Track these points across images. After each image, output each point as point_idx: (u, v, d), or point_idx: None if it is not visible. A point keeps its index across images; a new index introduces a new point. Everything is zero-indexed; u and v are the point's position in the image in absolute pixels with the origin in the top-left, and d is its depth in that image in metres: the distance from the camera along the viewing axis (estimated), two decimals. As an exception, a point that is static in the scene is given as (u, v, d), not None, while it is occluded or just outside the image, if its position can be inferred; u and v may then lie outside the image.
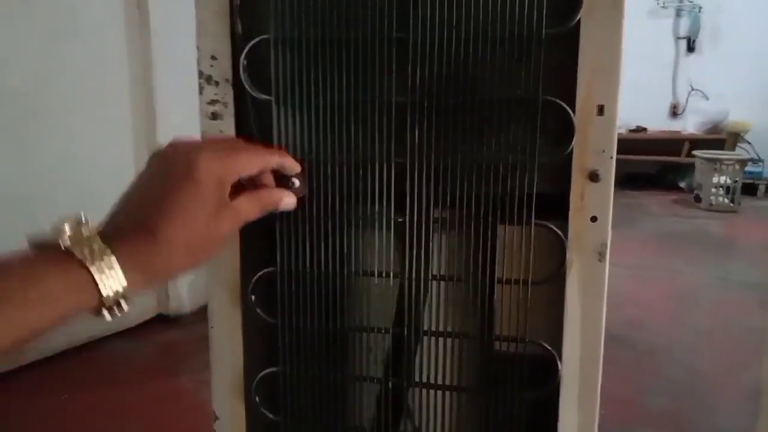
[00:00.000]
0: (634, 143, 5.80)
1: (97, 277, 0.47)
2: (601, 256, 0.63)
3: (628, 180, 5.95)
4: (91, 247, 0.48)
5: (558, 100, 0.61)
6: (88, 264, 0.47)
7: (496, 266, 0.67)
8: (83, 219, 0.50)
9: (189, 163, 0.53)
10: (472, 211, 0.65)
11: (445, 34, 0.62)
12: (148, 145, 2.38)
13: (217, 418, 0.78)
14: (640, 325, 2.60)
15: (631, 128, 6.02)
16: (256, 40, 0.64)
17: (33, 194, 2.04)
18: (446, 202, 0.66)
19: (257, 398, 0.74)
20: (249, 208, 0.58)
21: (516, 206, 0.64)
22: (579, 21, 0.60)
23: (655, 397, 1.99)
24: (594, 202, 0.62)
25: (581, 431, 0.68)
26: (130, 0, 2.30)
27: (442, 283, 0.70)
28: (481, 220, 0.65)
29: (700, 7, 5.93)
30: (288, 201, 0.63)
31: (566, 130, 0.62)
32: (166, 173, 0.54)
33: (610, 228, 0.63)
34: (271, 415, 0.74)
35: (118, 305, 0.49)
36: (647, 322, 2.64)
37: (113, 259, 0.48)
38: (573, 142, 0.62)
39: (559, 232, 0.64)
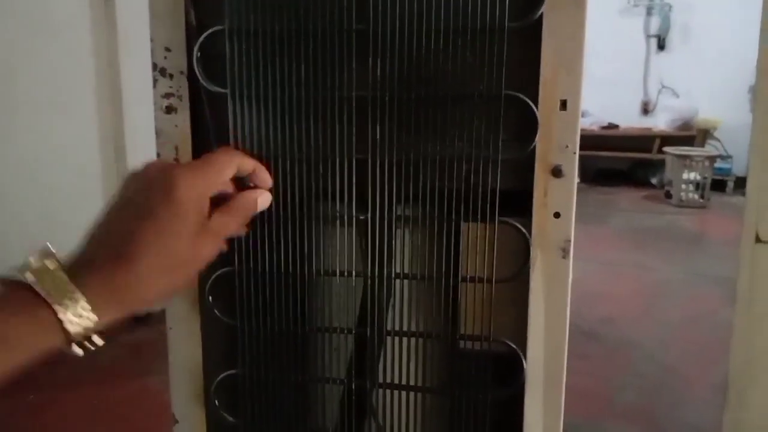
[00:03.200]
0: (605, 140, 5.85)
1: (62, 315, 0.44)
2: (565, 252, 0.63)
3: (600, 176, 6.01)
4: (55, 283, 0.44)
5: (521, 95, 0.60)
6: (51, 302, 0.43)
7: (460, 264, 0.66)
8: (51, 250, 0.47)
9: (167, 180, 0.49)
10: (436, 208, 0.64)
11: (407, 27, 0.60)
12: (114, 143, 2.33)
13: (176, 421, 0.76)
14: (612, 321, 2.62)
15: (603, 125, 6.08)
16: (211, 30, 0.62)
17: (-3, 193, 2.00)
18: (409, 199, 0.65)
19: (217, 401, 0.72)
20: (227, 221, 0.55)
21: (479, 203, 0.63)
22: (542, 15, 0.59)
23: (626, 391, 2.00)
24: (557, 198, 0.62)
25: (546, 429, 0.67)
26: (97, -5, 2.25)
27: (406, 281, 0.69)
28: (445, 217, 0.64)
29: (671, 6, 6.00)
30: (264, 199, 0.60)
31: (529, 125, 0.61)
32: (143, 194, 0.50)
33: (573, 224, 0.62)
34: (231, 419, 0.72)
35: (90, 341, 0.46)
36: (618, 318, 2.66)
37: (79, 295, 0.44)
38: (536, 138, 0.61)
39: (523, 229, 0.63)
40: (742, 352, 1.16)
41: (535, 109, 0.60)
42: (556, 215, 0.62)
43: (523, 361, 0.65)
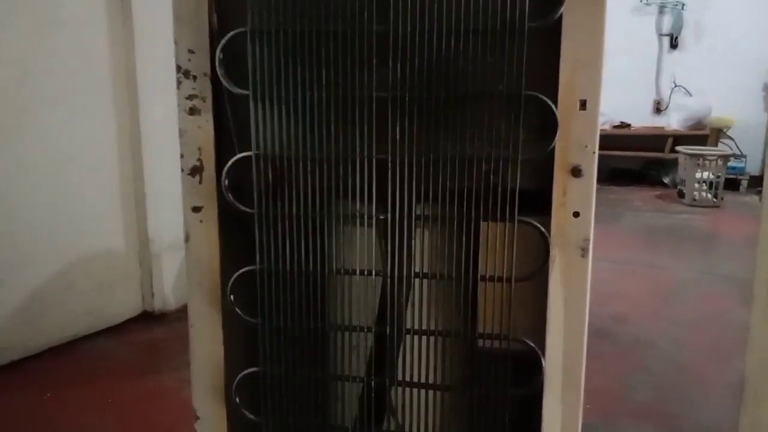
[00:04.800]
0: (618, 139, 5.82)
1: None
2: (584, 251, 0.63)
3: (613, 176, 5.98)
4: None
5: (540, 95, 0.61)
6: None
7: (479, 263, 0.66)
8: None
9: None
10: (455, 207, 0.65)
11: (427, 27, 0.61)
12: (130, 140, 2.35)
13: (197, 417, 0.77)
14: (625, 320, 2.60)
15: (615, 124, 6.04)
16: (233, 33, 0.63)
17: (12, 189, 2.01)
18: (429, 199, 0.65)
19: (238, 399, 0.73)
20: None
21: (499, 202, 0.63)
22: (561, 15, 0.59)
23: (640, 390, 1.99)
24: (576, 197, 0.62)
25: (565, 427, 0.67)
26: (112, -7, 2.27)
27: (425, 280, 0.69)
28: (464, 216, 0.64)
29: (683, 4, 5.96)
30: None
31: (549, 125, 0.61)
32: None
33: (592, 223, 0.63)
34: (252, 416, 0.73)
35: None
36: (632, 317, 2.65)
37: None
38: (556, 138, 0.61)
39: (542, 228, 0.63)
40: (758, 352, 1.15)
41: (555, 109, 0.61)
42: (575, 214, 0.62)
43: (542, 360, 0.66)
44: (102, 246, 2.31)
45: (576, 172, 0.61)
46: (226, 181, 0.67)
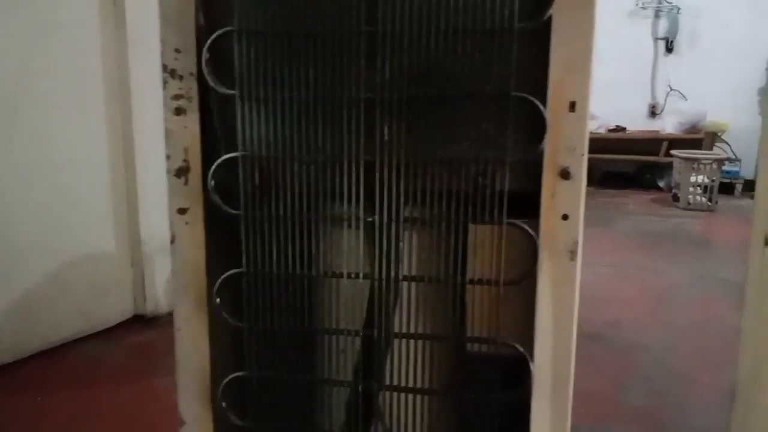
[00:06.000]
0: (613, 143, 5.84)
1: None
2: (573, 254, 0.62)
3: (607, 179, 5.99)
4: None
5: (529, 96, 0.60)
6: None
7: (468, 266, 0.66)
8: None
9: None
10: (443, 209, 0.64)
11: (415, 28, 0.60)
12: (123, 141, 2.34)
13: (183, 422, 0.76)
14: (618, 324, 2.60)
15: (610, 128, 6.06)
16: (220, 32, 0.62)
17: (6, 192, 2.00)
18: (417, 201, 0.64)
19: (224, 403, 0.72)
20: None
21: (487, 204, 0.62)
22: (551, 16, 0.59)
23: (632, 394, 1.99)
24: (565, 200, 0.61)
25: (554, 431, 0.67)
26: (105, -5, 2.26)
27: (413, 283, 0.69)
28: (452, 218, 0.64)
29: (679, 9, 5.98)
30: None
31: (538, 127, 0.61)
32: None
33: (581, 226, 0.62)
34: (238, 421, 0.72)
35: None
36: (625, 321, 2.65)
37: None
38: (545, 140, 0.61)
39: (531, 231, 0.63)
40: (750, 356, 1.15)
41: (544, 111, 0.60)
42: (564, 217, 0.62)
43: (530, 364, 0.65)
44: (94, 248, 2.30)
45: (565, 174, 0.61)
46: (213, 183, 0.66)
